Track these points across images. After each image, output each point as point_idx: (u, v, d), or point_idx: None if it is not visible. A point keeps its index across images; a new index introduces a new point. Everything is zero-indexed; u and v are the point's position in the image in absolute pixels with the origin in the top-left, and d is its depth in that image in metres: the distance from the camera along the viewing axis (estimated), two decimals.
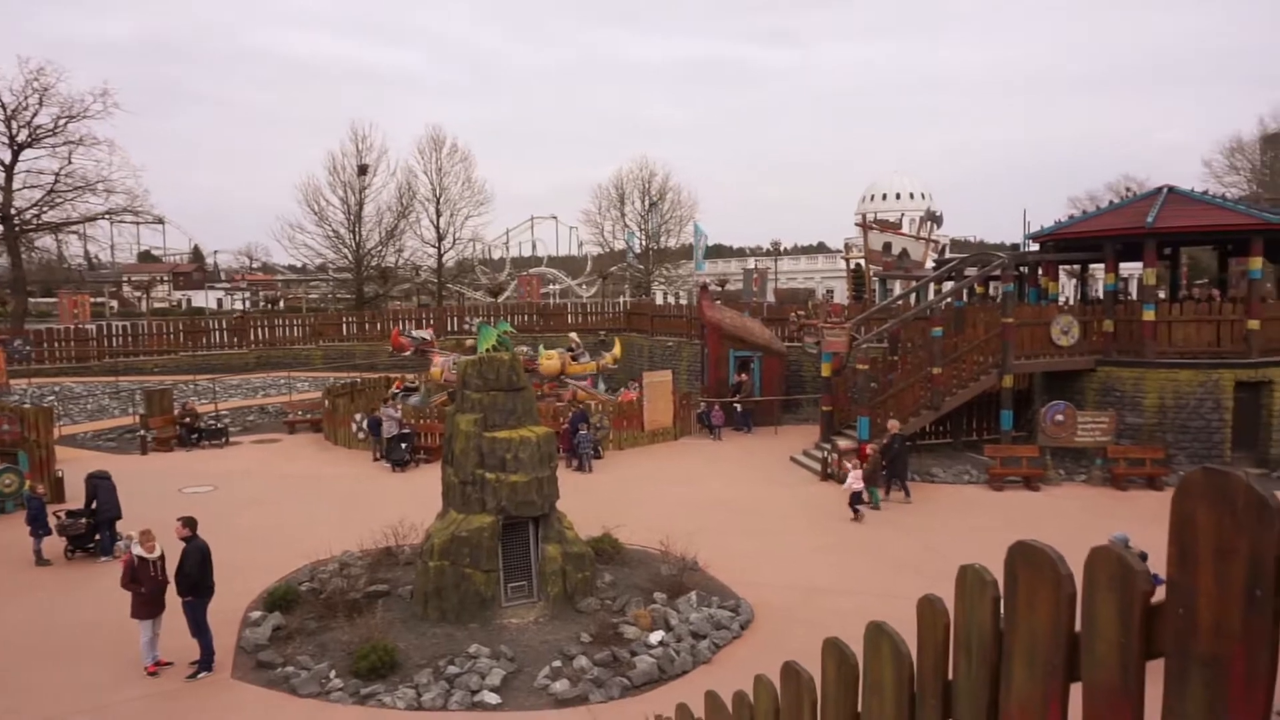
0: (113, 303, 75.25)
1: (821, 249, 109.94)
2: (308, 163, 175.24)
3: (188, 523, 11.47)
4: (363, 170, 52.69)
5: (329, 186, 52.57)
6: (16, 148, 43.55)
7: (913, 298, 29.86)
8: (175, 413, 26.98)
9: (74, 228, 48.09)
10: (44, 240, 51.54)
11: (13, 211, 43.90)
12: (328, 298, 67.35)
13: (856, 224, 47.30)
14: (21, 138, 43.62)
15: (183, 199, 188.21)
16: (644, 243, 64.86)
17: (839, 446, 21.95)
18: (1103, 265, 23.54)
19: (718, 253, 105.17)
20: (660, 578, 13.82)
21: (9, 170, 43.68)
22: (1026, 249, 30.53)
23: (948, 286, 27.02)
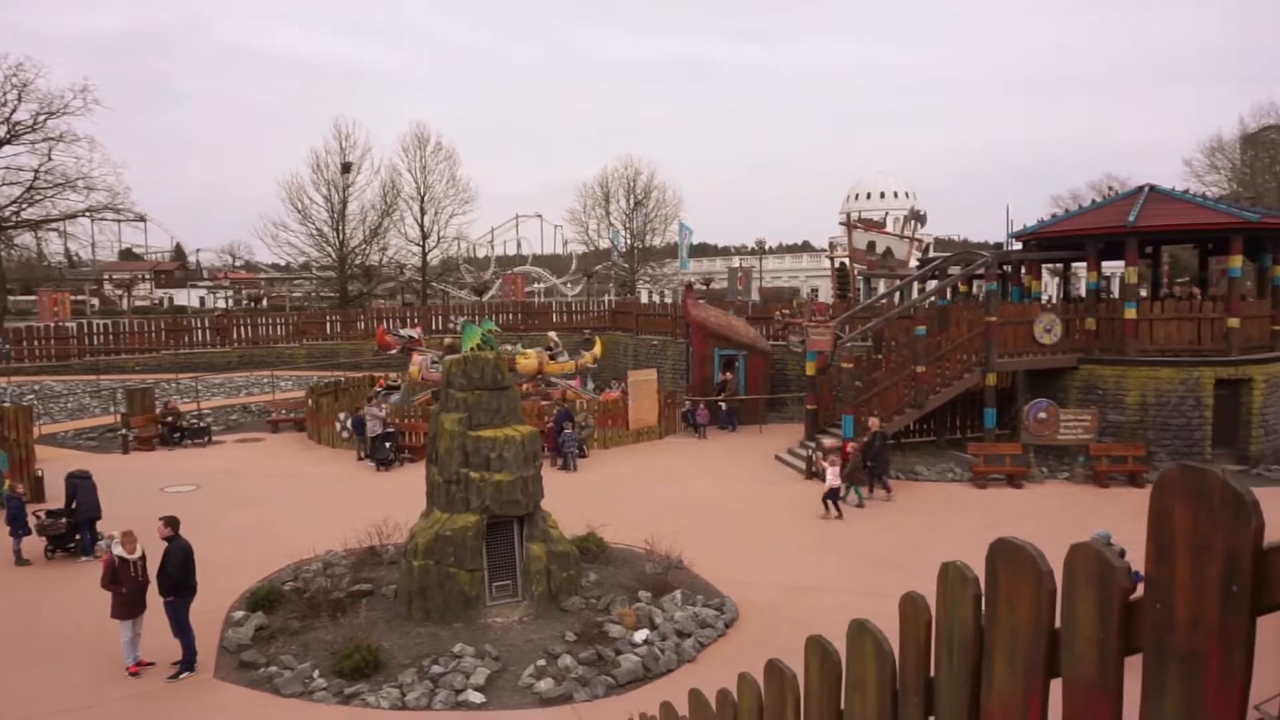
0: (93, 301, 74.67)
1: (806, 248, 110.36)
2: (291, 160, 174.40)
3: (170, 522, 11.40)
4: (346, 168, 52.48)
5: (312, 184, 52.43)
6: None
7: (897, 296, 29.98)
8: (157, 412, 26.81)
9: (54, 225, 47.78)
10: (23, 238, 51.25)
11: None
12: (311, 296, 67.03)
13: (841, 223, 47.44)
14: (0, 134, 43.20)
15: (164, 196, 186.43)
16: (629, 241, 64.86)
17: (823, 445, 22.01)
18: (1085, 264, 23.70)
19: (703, 251, 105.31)
20: (645, 576, 13.83)
21: None
22: (1009, 248, 30.72)
23: (931, 285, 27.15)
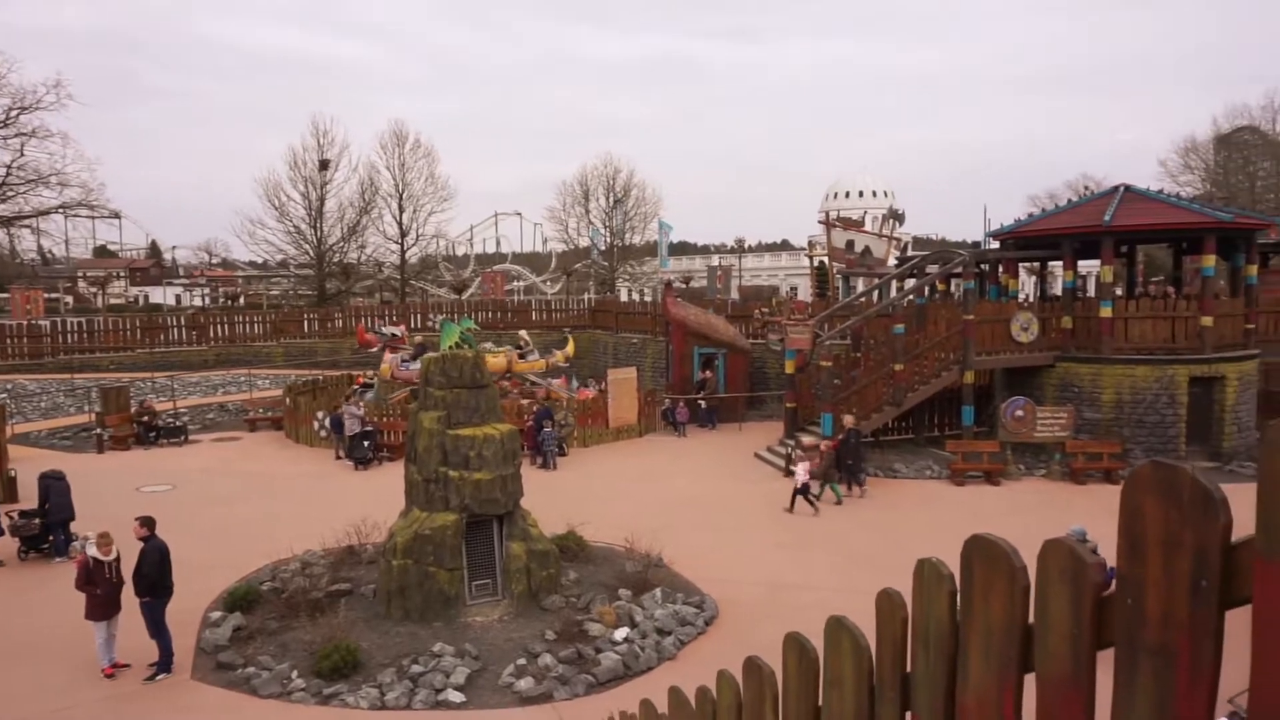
0: (67, 299, 73.77)
1: (785, 246, 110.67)
2: (268, 157, 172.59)
3: (146, 522, 11.29)
4: (324, 165, 52.11)
5: (290, 181, 52.01)
6: None
7: (875, 295, 30.12)
8: (133, 411, 26.53)
9: (27, 222, 47.13)
10: None
11: None
12: (289, 294, 66.50)
13: (820, 221, 47.70)
14: None
15: (140, 193, 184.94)
16: (608, 239, 64.81)
17: (803, 443, 22.09)
18: (1061, 263, 23.91)
19: (682, 250, 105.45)
20: (625, 575, 13.84)
21: None
22: (987, 247, 30.93)
23: (910, 284, 27.32)
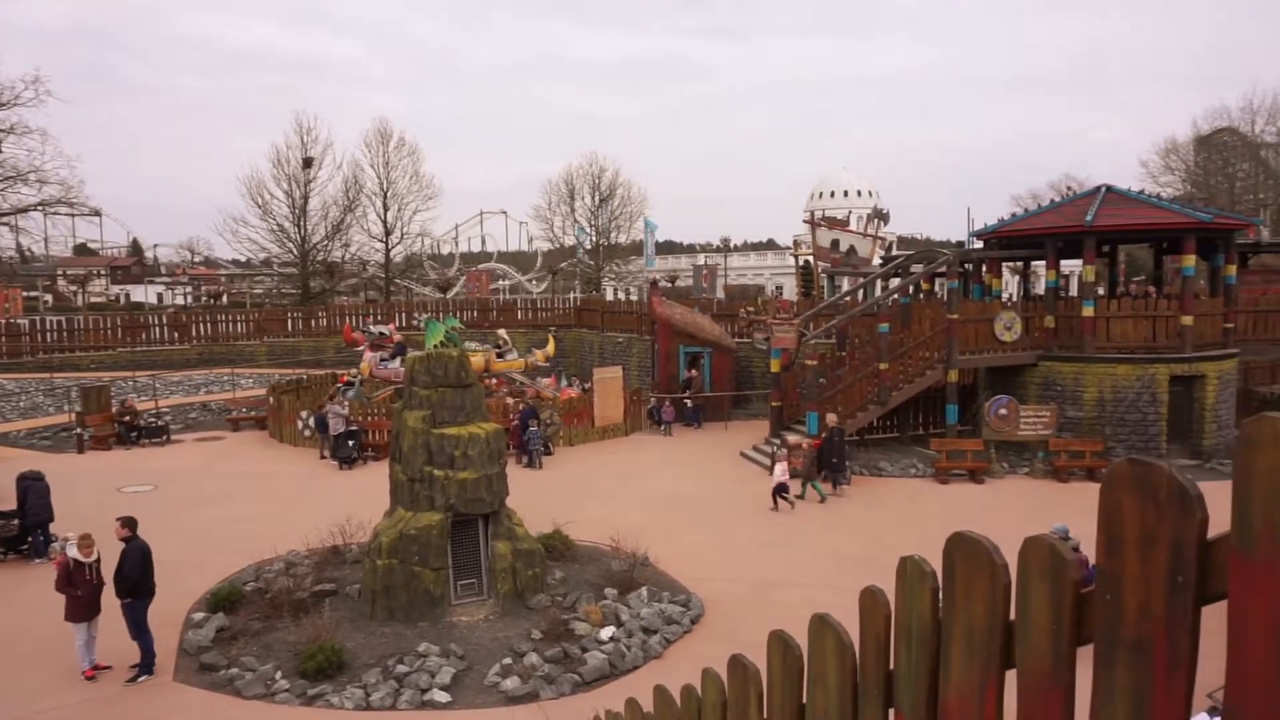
0: (47, 297, 73.15)
1: (771, 245, 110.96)
2: (251, 155, 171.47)
3: (127, 523, 11.20)
4: (307, 163, 51.79)
5: (273, 179, 51.65)
6: None
7: (860, 294, 30.23)
8: (114, 410, 26.32)
9: (5, 219, 46.52)
10: None
11: None
12: (273, 293, 66.13)
13: (805, 221, 47.79)
14: None
15: (121, 191, 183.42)
16: (594, 238, 64.76)
17: (788, 441, 22.15)
18: (1044, 262, 24.06)
19: (668, 249, 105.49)
20: (611, 574, 13.84)
21: None
22: (971, 246, 31.10)
23: (894, 283, 27.43)
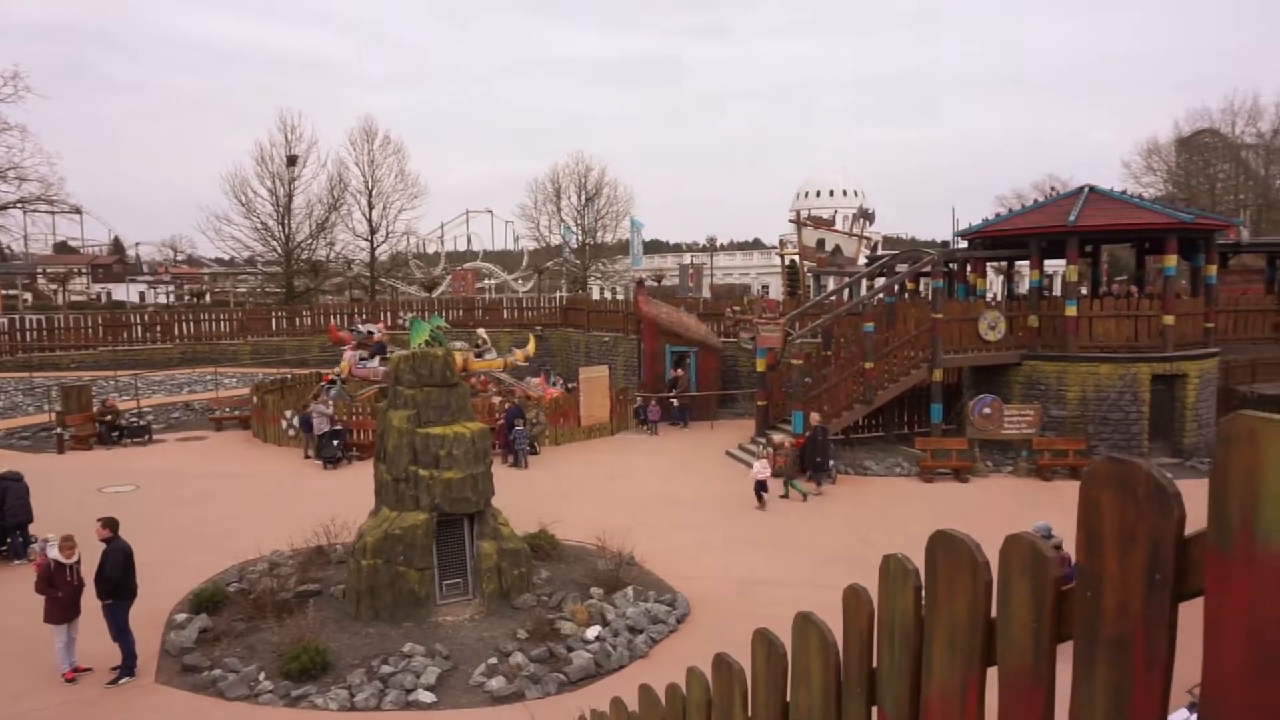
0: (26, 295, 72.47)
1: (757, 245, 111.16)
2: (234, 153, 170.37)
3: (108, 523, 11.10)
4: (292, 161, 51.48)
5: (257, 177, 51.27)
6: None
7: (846, 294, 30.34)
8: (95, 410, 26.11)
9: None
10: None
11: None
12: (256, 292, 65.75)
13: (791, 220, 47.87)
14: None
15: (102, 188, 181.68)
16: (580, 238, 64.70)
17: (774, 440, 22.21)
18: (1028, 262, 24.21)
19: (654, 248, 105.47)
20: (597, 573, 13.83)
21: None
22: (955, 246, 31.26)
23: (880, 283, 27.54)
